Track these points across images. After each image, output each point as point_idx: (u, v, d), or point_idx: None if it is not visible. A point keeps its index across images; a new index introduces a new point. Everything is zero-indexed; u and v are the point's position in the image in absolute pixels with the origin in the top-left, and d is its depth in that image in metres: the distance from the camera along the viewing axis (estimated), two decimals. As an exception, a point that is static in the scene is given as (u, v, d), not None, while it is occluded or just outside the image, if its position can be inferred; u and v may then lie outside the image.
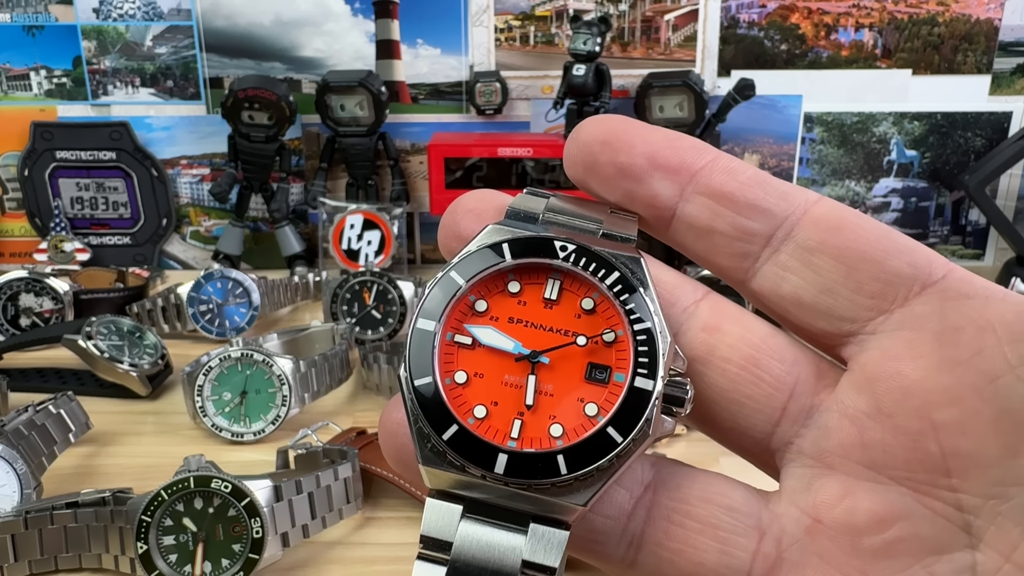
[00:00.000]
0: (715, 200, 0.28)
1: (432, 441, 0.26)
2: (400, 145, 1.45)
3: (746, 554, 0.26)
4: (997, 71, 1.41)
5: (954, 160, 1.45)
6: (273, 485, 0.67)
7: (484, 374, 0.27)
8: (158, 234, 1.48)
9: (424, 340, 0.27)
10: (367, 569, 0.71)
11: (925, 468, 0.25)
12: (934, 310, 0.26)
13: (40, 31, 1.40)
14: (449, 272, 0.28)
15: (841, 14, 1.40)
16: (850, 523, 0.26)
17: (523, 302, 0.28)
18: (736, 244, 0.28)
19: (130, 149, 1.42)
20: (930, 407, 0.25)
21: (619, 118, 0.29)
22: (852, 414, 0.26)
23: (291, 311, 1.30)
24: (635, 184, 0.28)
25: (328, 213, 1.37)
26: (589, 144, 0.28)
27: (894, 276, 0.26)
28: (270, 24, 1.40)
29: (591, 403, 0.27)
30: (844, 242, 0.27)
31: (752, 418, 0.28)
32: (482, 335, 0.28)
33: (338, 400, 1.00)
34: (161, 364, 1.01)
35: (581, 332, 0.28)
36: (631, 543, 0.27)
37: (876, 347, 0.26)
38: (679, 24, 1.41)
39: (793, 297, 0.27)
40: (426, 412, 0.26)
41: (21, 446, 0.73)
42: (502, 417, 0.27)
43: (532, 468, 0.26)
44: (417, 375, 0.27)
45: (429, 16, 1.40)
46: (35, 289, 1.16)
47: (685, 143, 0.28)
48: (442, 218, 0.30)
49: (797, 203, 0.27)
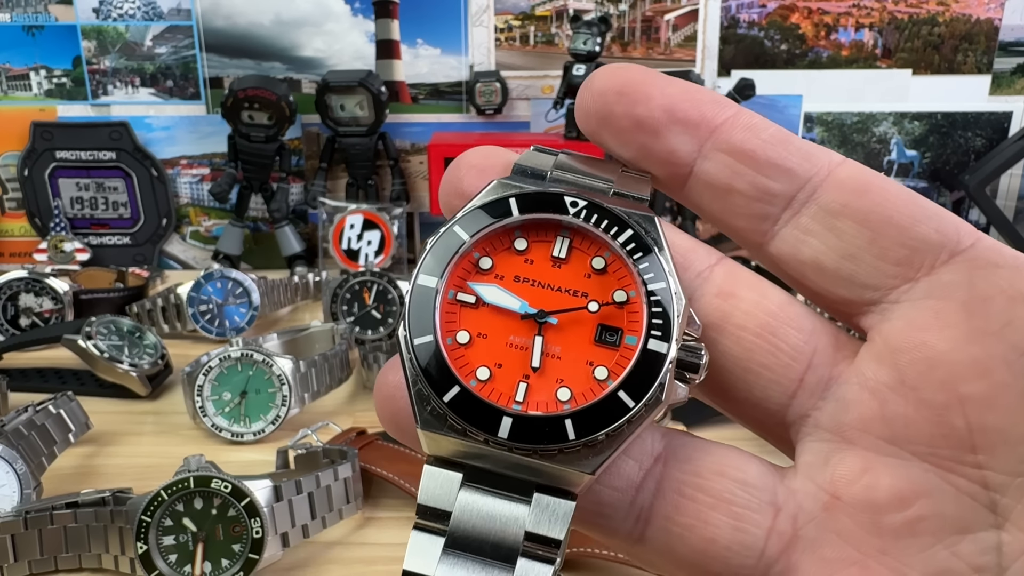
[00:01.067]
0: (735, 158, 0.26)
1: (432, 404, 0.25)
2: (400, 145, 1.45)
3: (760, 531, 0.25)
4: (997, 71, 1.41)
5: (954, 160, 1.45)
6: (273, 485, 0.67)
7: (488, 334, 0.26)
8: (158, 234, 1.48)
9: (425, 297, 0.26)
10: (367, 569, 0.71)
11: (950, 444, 0.24)
12: (962, 279, 0.25)
13: (40, 31, 1.40)
14: (452, 226, 0.26)
15: (841, 14, 1.40)
16: (870, 500, 0.25)
17: (530, 260, 0.27)
18: (755, 205, 0.26)
19: (130, 149, 1.42)
20: (957, 380, 0.24)
21: (635, 67, 0.27)
22: (873, 386, 0.25)
23: (291, 311, 1.30)
24: (652, 138, 0.27)
25: (328, 213, 1.36)
26: (604, 94, 0.27)
27: (921, 243, 0.25)
28: (270, 24, 1.40)
29: (601, 366, 0.25)
30: (869, 206, 0.25)
31: (768, 389, 0.26)
32: (487, 293, 0.26)
33: (338, 400, 1.00)
34: (161, 364, 1.01)
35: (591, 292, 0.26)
36: (639, 517, 0.26)
37: (900, 316, 0.25)
38: (679, 24, 1.41)
39: (813, 262, 0.26)
40: (426, 373, 0.25)
41: (21, 446, 0.73)
42: (506, 379, 0.25)
43: (538, 432, 0.24)
44: (417, 333, 0.25)
45: (429, 16, 1.40)
46: (35, 289, 1.15)
47: (705, 96, 0.27)
48: (444, 174, 0.29)
49: (821, 164, 0.26)
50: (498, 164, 0.28)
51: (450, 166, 0.28)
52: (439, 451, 0.25)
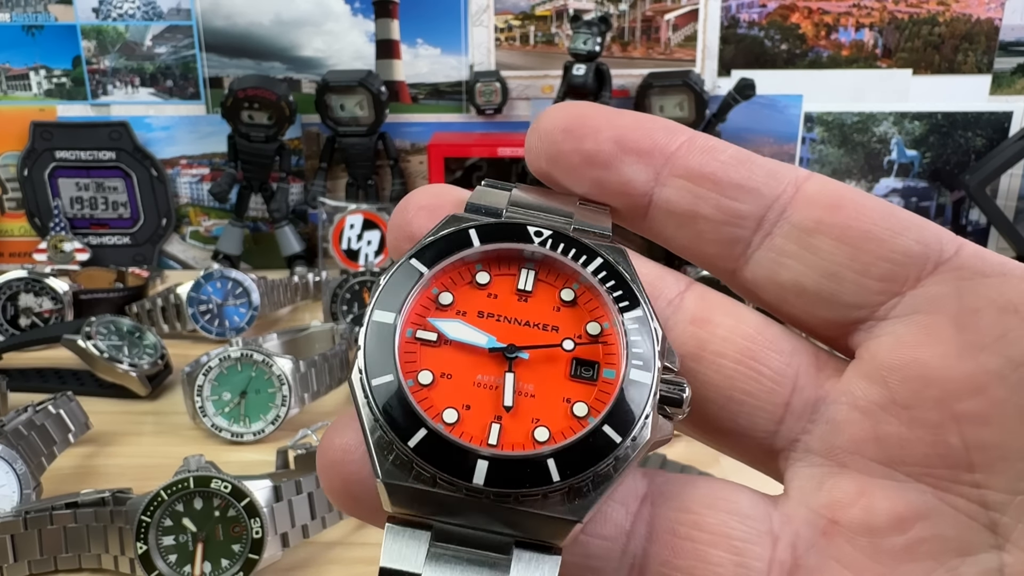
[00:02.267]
0: (695, 182, 0.25)
1: (395, 451, 0.22)
2: (400, 145, 1.45)
3: (762, 564, 0.24)
4: (997, 71, 1.41)
5: (955, 160, 1.45)
6: (273, 485, 0.67)
7: (452, 374, 0.24)
8: (158, 234, 1.47)
9: (382, 334, 0.24)
10: (367, 569, 0.71)
11: (946, 463, 0.23)
12: (950, 291, 0.24)
13: (40, 31, 1.40)
14: (408, 260, 0.24)
15: (841, 14, 1.40)
16: (869, 523, 0.24)
17: (493, 295, 0.25)
18: (724, 229, 0.25)
19: (130, 149, 1.42)
20: (951, 397, 0.23)
21: (582, 104, 0.26)
22: (864, 406, 0.24)
23: (291, 311, 1.30)
24: (604, 171, 0.26)
25: (328, 213, 1.36)
26: (551, 132, 0.26)
27: (903, 255, 0.24)
28: (270, 24, 1.40)
29: (579, 402, 0.24)
30: (845, 220, 0.24)
31: (753, 416, 0.25)
32: (449, 329, 0.24)
33: (338, 400, 1.00)
34: (161, 364, 1.01)
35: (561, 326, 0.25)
36: (633, 566, 0.24)
37: (888, 333, 0.24)
38: (679, 24, 1.41)
39: (793, 284, 0.25)
40: (387, 416, 0.22)
41: (21, 446, 0.73)
42: (476, 421, 0.23)
43: (518, 475, 0.22)
44: (375, 374, 0.23)
45: (429, 16, 1.39)
46: (35, 289, 1.15)
47: (656, 124, 0.26)
48: (391, 216, 0.27)
49: (787, 180, 0.25)
50: (448, 203, 0.27)
51: (397, 208, 0.27)
52: (403, 506, 0.23)
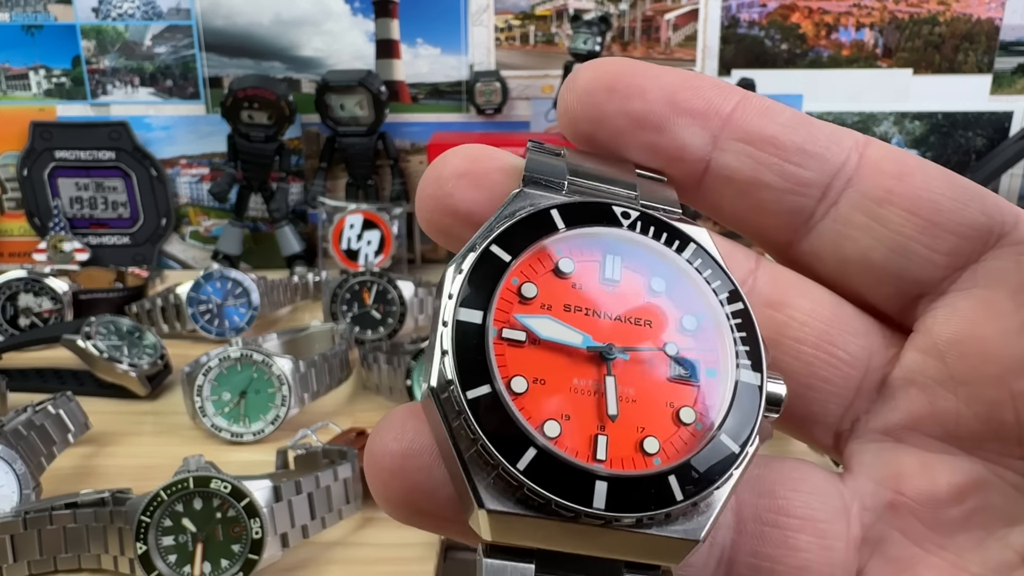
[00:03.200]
0: (757, 146, 0.23)
1: (498, 472, 0.19)
2: (400, 145, 1.45)
3: (842, 543, 0.23)
4: (998, 71, 1.41)
5: (955, 160, 1.45)
6: (273, 485, 0.67)
7: (546, 379, 0.21)
8: (157, 234, 1.47)
9: (471, 336, 0.20)
10: (367, 569, 0.71)
11: (999, 438, 0.23)
12: (1010, 266, 0.23)
13: (39, 30, 1.40)
14: (488, 246, 0.21)
15: (842, 14, 1.40)
16: (932, 494, 0.23)
17: (578, 284, 0.22)
18: (787, 198, 0.23)
19: (129, 149, 1.42)
20: (1009, 375, 0.22)
21: (620, 60, 0.24)
22: (921, 382, 0.23)
23: (291, 311, 1.30)
24: (657, 135, 0.23)
25: (328, 213, 1.36)
26: (591, 92, 0.23)
27: (970, 228, 0.23)
28: (269, 23, 1.40)
29: (685, 407, 0.21)
30: (915, 191, 0.23)
31: (827, 403, 0.24)
32: (540, 327, 0.21)
33: (338, 400, 1.00)
34: (160, 364, 1.01)
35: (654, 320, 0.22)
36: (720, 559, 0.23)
37: (947, 306, 0.23)
38: (679, 23, 1.41)
39: (859, 258, 0.23)
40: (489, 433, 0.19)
41: (20, 446, 0.73)
42: (580, 433, 0.20)
43: (641, 496, 0.20)
44: (469, 383, 0.20)
45: (429, 15, 1.39)
46: (34, 289, 1.15)
47: (706, 82, 0.24)
48: (421, 186, 0.24)
49: (849, 145, 0.23)
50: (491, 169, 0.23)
51: (428, 175, 0.24)
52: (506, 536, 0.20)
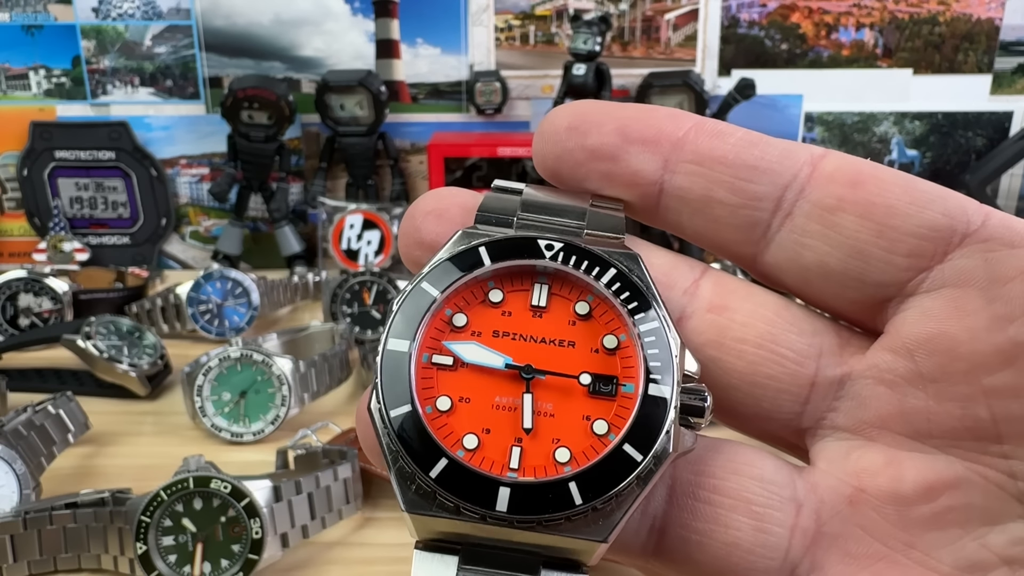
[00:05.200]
0: (707, 166, 0.25)
1: (417, 481, 0.22)
2: (400, 145, 1.45)
3: (783, 530, 0.24)
4: (998, 71, 1.41)
5: (955, 160, 1.45)
6: (272, 486, 0.67)
7: (471, 398, 0.24)
8: (157, 234, 1.47)
9: (398, 363, 0.23)
10: (367, 569, 0.71)
11: (974, 435, 0.23)
12: (978, 263, 0.23)
13: (39, 30, 1.40)
14: (420, 283, 0.24)
15: (842, 13, 1.40)
16: (896, 492, 0.23)
17: (507, 312, 0.25)
18: (741, 212, 0.25)
19: (129, 149, 1.42)
20: (980, 370, 0.23)
21: (584, 102, 0.26)
22: (890, 380, 0.24)
23: (291, 311, 1.30)
24: (611, 164, 0.25)
25: (328, 213, 1.36)
26: (554, 133, 0.26)
27: (930, 229, 0.23)
28: (269, 23, 1.40)
29: (599, 419, 0.23)
30: (867, 196, 0.24)
31: (777, 399, 0.25)
32: (465, 352, 0.24)
33: (338, 400, 1.00)
34: (160, 364, 1.01)
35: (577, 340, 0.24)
36: (652, 528, 0.24)
37: (916, 307, 0.24)
38: (679, 23, 1.41)
39: (818, 265, 0.24)
40: (407, 447, 0.22)
41: (20, 446, 0.73)
42: (497, 445, 0.23)
43: (540, 501, 0.22)
44: (393, 404, 0.23)
45: (429, 15, 1.39)
46: (34, 289, 1.15)
47: (660, 113, 0.25)
48: (400, 224, 0.27)
49: (802, 159, 0.25)
50: (455, 206, 0.26)
51: (405, 215, 0.27)
52: (430, 534, 0.23)
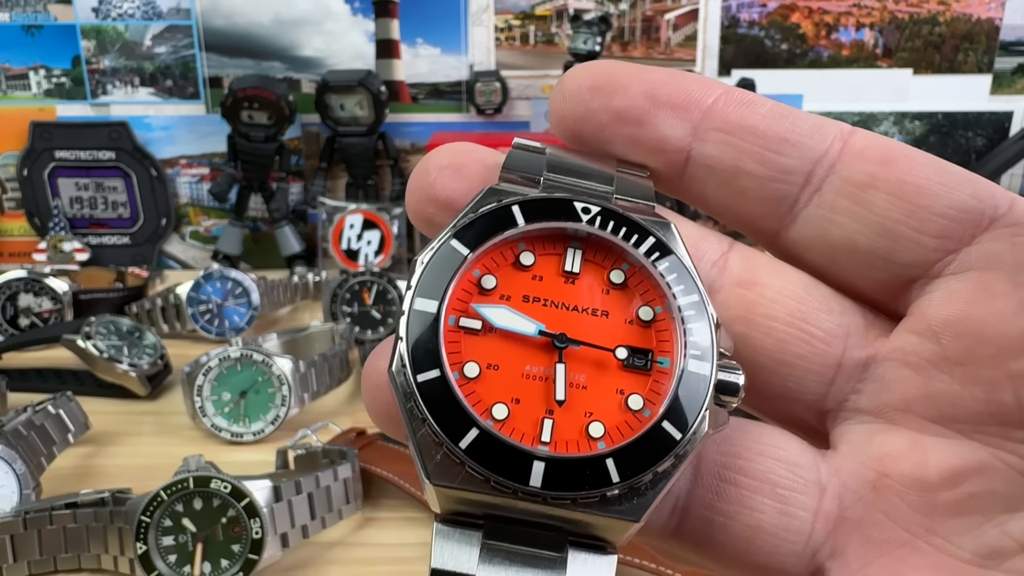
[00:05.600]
0: (737, 135, 0.24)
1: (444, 451, 0.21)
2: (400, 145, 1.45)
3: (807, 514, 0.23)
4: (998, 71, 1.41)
5: (955, 160, 1.44)
6: (272, 485, 0.67)
7: (500, 365, 0.22)
8: (157, 234, 1.47)
9: (424, 324, 0.22)
10: (367, 569, 0.71)
11: (999, 420, 0.23)
12: (1005, 247, 0.23)
13: (39, 31, 1.39)
14: (448, 240, 0.22)
15: (842, 14, 1.40)
16: (920, 477, 0.23)
17: (538, 277, 0.23)
18: (769, 185, 0.24)
19: (129, 149, 1.42)
20: (1006, 354, 0.22)
21: (608, 61, 0.25)
22: (915, 363, 0.24)
23: (291, 311, 1.30)
24: (637, 128, 0.24)
25: (328, 213, 1.36)
26: (577, 92, 0.24)
27: (959, 211, 0.23)
28: (269, 23, 1.40)
29: (634, 394, 0.22)
30: (899, 175, 0.23)
31: (804, 379, 0.24)
32: (495, 316, 0.22)
33: (338, 400, 1.00)
34: (160, 364, 1.01)
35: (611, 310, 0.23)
36: (675, 507, 0.24)
37: (941, 289, 0.23)
38: (679, 23, 1.41)
39: (845, 243, 0.24)
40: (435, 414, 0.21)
41: (20, 446, 0.73)
42: (527, 416, 0.22)
43: (576, 477, 0.21)
44: (420, 368, 0.21)
45: (429, 15, 1.39)
46: (34, 289, 1.15)
47: (688, 78, 0.24)
48: (410, 179, 0.25)
49: (832, 134, 0.24)
50: (471, 161, 0.25)
51: (416, 169, 0.25)
52: (453, 506, 0.22)
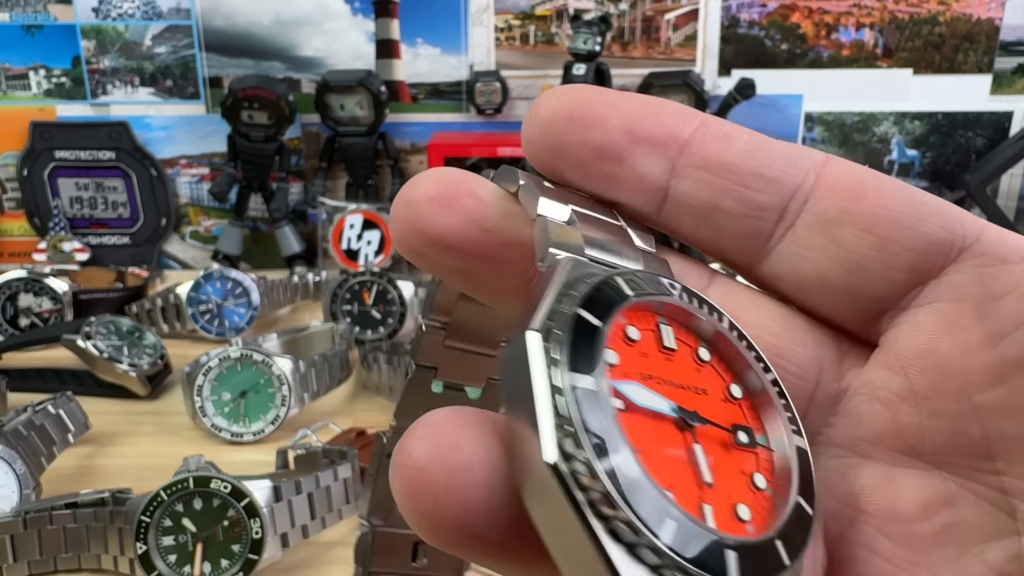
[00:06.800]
0: (714, 173, 0.24)
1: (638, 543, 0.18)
2: (400, 145, 1.45)
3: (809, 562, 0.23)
4: (998, 71, 1.41)
5: (955, 160, 1.45)
6: (273, 485, 0.67)
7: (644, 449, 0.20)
8: (157, 234, 1.47)
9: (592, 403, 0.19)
10: (367, 570, 0.71)
11: (965, 452, 0.23)
12: (971, 278, 0.23)
13: (39, 30, 1.40)
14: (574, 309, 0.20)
15: (842, 13, 1.40)
16: (896, 510, 0.23)
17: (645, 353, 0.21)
18: (745, 222, 0.24)
19: (129, 149, 1.42)
20: (971, 388, 0.22)
21: (583, 87, 0.24)
22: (884, 397, 0.23)
23: (291, 311, 1.30)
24: (616, 166, 0.24)
25: (328, 213, 1.36)
26: (553, 123, 0.24)
27: (929, 243, 0.23)
28: (269, 23, 1.40)
29: (757, 473, 0.21)
30: (870, 209, 0.23)
31: None
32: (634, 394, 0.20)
33: (338, 400, 1.00)
34: (160, 364, 1.01)
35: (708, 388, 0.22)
36: None
37: (908, 322, 0.23)
38: (679, 23, 1.41)
39: (817, 279, 0.24)
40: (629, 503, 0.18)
41: (20, 446, 0.73)
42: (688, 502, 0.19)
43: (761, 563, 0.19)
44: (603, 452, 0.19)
45: (429, 15, 1.39)
46: (34, 289, 1.15)
47: (666, 109, 0.24)
48: (395, 206, 0.23)
49: (806, 166, 0.24)
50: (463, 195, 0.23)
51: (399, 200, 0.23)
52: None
